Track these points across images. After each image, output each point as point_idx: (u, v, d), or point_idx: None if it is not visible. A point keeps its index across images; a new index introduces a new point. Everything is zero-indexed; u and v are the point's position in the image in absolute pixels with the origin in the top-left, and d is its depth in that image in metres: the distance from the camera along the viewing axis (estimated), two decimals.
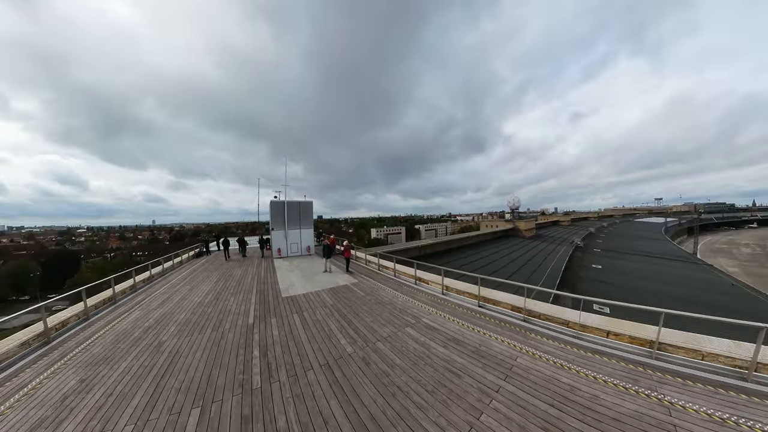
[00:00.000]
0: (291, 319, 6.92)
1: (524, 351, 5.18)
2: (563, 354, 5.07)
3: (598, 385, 4.22)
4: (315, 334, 6.05)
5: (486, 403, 3.83)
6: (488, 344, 5.41)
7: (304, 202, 17.84)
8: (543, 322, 6.20)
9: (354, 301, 8.12)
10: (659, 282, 27.01)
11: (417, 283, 9.47)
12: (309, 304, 7.97)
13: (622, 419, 3.53)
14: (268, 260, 15.67)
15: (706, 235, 79.50)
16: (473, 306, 7.27)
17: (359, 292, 8.91)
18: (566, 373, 4.49)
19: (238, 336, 6.05)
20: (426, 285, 9.24)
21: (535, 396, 3.95)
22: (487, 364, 4.75)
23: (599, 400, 3.86)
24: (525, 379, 4.32)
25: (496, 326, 6.22)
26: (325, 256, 12.24)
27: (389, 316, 6.90)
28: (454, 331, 5.95)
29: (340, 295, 8.77)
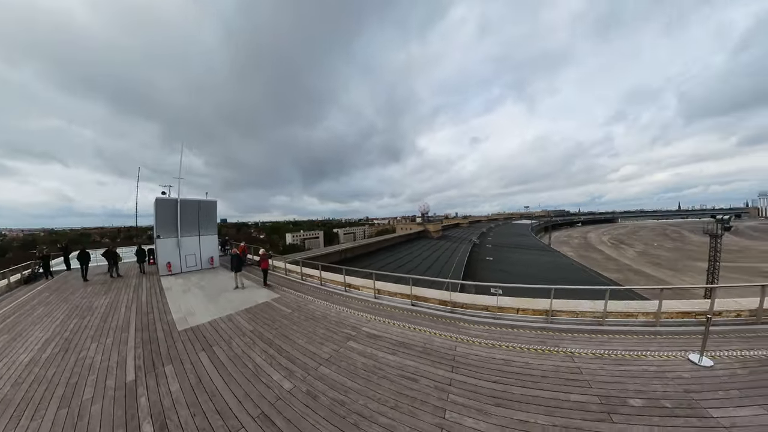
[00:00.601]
0: (196, 361, 5.27)
1: (459, 340, 5.71)
2: (490, 334, 5.96)
3: (524, 353, 5.19)
4: (236, 375, 4.72)
5: (445, 399, 3.99)
6: (430, 341, 5.65)
7: (205, 202, 14.78)
8: (467, 311, 7.06)
9: (280, 320, 7.07)
10: (525, 265, 34.26)
11: (347, 290, 9.17)
12: (220, 335, 6.40)
13: (547, 375, 4.53)
14: (153, 279, 12.38)
15: (555, 232, 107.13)
16: (407, 306, 7.46)
17: (284, 309, 7.88)
18: (497, 350, 5.30)
19: (110, 407, 4.04)
20: (357, 291, 9.06)
21: (481, 378, 4.44)
22: (435, 360, 4.95)
23: (528, 366, 4.76)
24: (468, 366, 4.78)
25: (431, 321, 6.59)
26: (234, 268, 10.50)
27: (326, 332, 6.25)
28: (398, 335, 5.92)
29: (260, 315, 7.51)
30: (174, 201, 13.37)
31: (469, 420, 3.57)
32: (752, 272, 38.85)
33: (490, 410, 3.75)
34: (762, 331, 5.93)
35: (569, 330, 6.16)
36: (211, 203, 15.04)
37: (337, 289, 9.36)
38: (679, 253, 58.76)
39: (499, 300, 7.07)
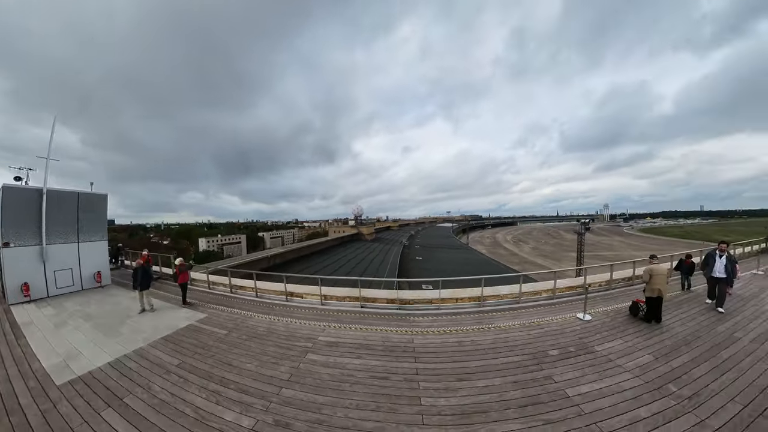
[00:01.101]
0: (100, 424, 3.64)
1: (415, 333, 6.08)
2: (439, 323, 6.59)
3: (469, 333, 5.98)
4: (172, 429, 3.50)
5: (417, 388, 4.22)
6: (388, 338, 5.81)
7: (89, 195, 11.26)
8: (414, 306, 7.56)
9: (215, 346, 5.75)
10: (450, 263, 38.17)
11: (289, 299, 8.44)
12: (132, 380, 4.61)
13: (491, 346, 5.47)
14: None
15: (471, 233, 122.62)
16: (357, 308, 7.42)
17: (217, 331, 6.49)
18: (449, 335, 5.95)
19: None
20: (300, 299, 8.46)
21: (441, 362, 4.93)
22: (398, 355, 5.13)
23: (475, 343, 5.64)
24: (428, 354, 5.19)
25: (384, 320, 6.76)
26: (138, 286, 8.17)
27: (278, 349, 5.50)
28: (356, 338, 5.85)
29: (186, 343, 5.95)
30: (35, 192, 9.73)
31: (442, 400, 3.97)
32: (602, 258, 52.35)
33: (456, 386, 4.27)
34: (613, 294, 8.55)
35: (497, 309, 7.46)
36: (97, 198, 11.43)
37: (278, 300, 8.51)
38: (558, 247, 74.55)
39: (441, 293, 7.85)
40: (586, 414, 3.62)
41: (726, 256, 7.15)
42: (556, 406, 3.78)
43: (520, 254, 68.25)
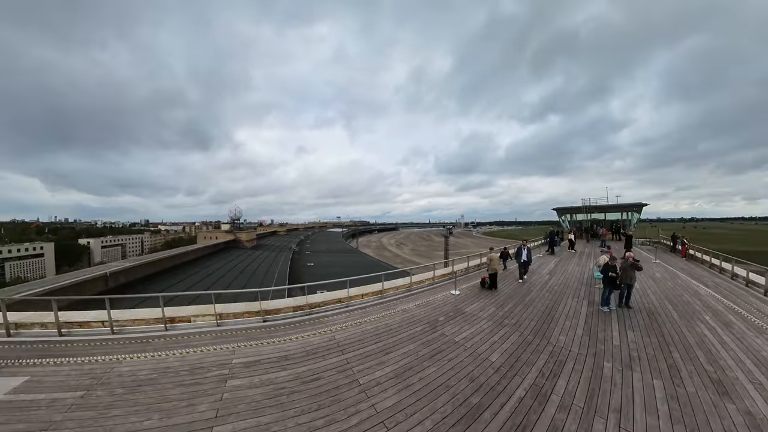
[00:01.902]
0: None
1: (334, 330, 6.56)
2: (347, 317, 7.41)
3: (382, 319, 7.13)
4: None
5: (353, 374, 4.73)
6: (308, 342, 5.89)
7: None
8: (324, 307, 8.03)
9: (68, 418, 3.70)
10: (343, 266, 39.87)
11: (170, 326, 6.67)
12: None
13: (401, 324, 6.84)
14: None
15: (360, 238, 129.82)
16: (259, 323, 6.88)
17: (62, 396, 4.13)
18: (365, 324, 6.89)
19: None
20: (186, 324, 6.85)
21: (366, 346, 5.73)
22: (323, 355, 5.37)
23: (389, 325, 6.82)
24: (352, 344, 5.83)
25: (296, 327, 6.74)
26: None
27: (184, 389, 4.32)
28: (275, 351, 5.54)
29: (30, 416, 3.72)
30: None
31: (377, 372, 4.75)
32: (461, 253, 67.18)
33: (385, 358, 5.22)
34: (470, 275, 11.95)
35: (397, 297, 9.13)
36: None
37: (152, 331, 6.50)
38: (430, 248, 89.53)
39: (350, 291, 8.69)
40: (468, 348, 5.60)
41: (527, 248, 11.56)
42: (450, 349, 5.56)
43: (401, 255, 77.93)
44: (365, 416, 3.66)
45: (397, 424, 3.51)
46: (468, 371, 4.74)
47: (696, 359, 5.28)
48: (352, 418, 3.62)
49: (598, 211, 30.15)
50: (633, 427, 3.57)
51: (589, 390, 4.30)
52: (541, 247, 21.59)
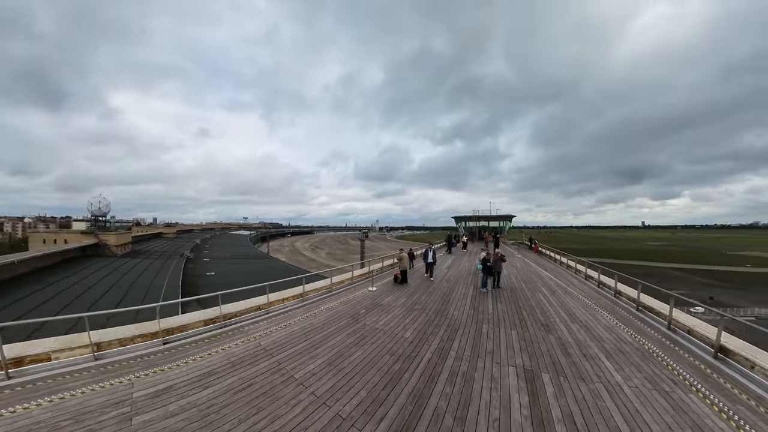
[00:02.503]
0: None
1: (258, 337, 6.38)
2: (269, 322, 7.39)
3: (307, 319, 7.37)
4: None
5: (287, 371, 4.89)
6: (233, 353, 5.54)
7: None
8: (242, 317, 7.56)
9: None
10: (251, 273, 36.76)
11: (14, 373, 4.75)
12: None
13: (326, 321, 7.03)
14: None
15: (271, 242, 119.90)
16: (158, 346, 5.92)
17: None
18: (291, 326, 7.02)
19: None
20: (45, 364, 5.11)
21: (296, 345, 5.93)
22: (253, 362, 5.20)
23: (314, 324, 7.08)
24: (280, 346, 5.89)
25: (207, 343, 6.11)
26: None
27: None
28: (188, 371, 4.96)
29: None
30: None
31: (311, 365, 5.08)
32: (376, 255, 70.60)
33: (316, 352, 5.57)
34: (384, 274, 13.36)
35: (319, 298, 9.53)
36: None
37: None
38: (346, 251, 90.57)
39: (269, 297, 8.37)
40: (386, 331, 6.61)
41: (433, 250, 13.70)
42: (372, 334, 6.42)
43: (317, 260, 76.15)
44: (307, 403, 4.05)
45: (337, 401, 4.08)
46: (389, 348, 5.72)
47: (535, 314, 8.03)
48: (295, 408, 3.94)
49: (484, 220, 37.97)
50: (500, 359, 5.42)
51: (473, 344, 6.02)
52: (443, 248, 25.50)
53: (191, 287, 30.33)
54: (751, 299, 47.74)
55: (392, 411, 3.89)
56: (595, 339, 6.42)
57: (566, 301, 9.34)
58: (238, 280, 33.17)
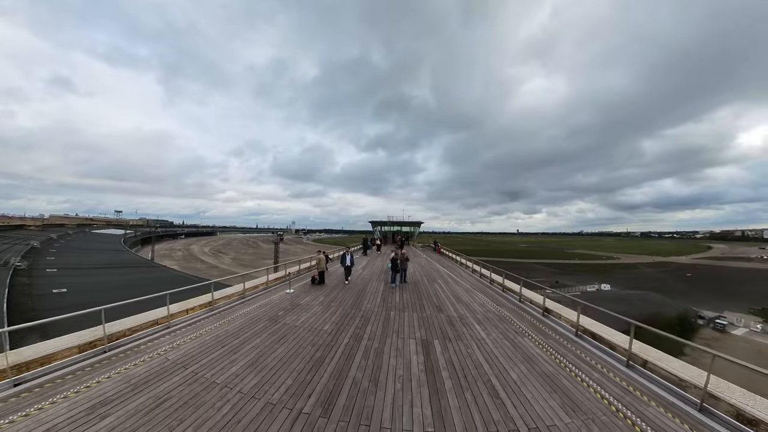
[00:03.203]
0: None
1: (165, 351, 5.95)
2: (183, 335, 6.91)
3: (221, 327, 7.10)
4: None
5: (209, 379, 4.81)
6: (133, 374, 4.96)
7: None
8: (135, 335, 6.62)
9: None
10: (130, 287, 30.21)
11: None
12: None
13: (242, 326, 7.00)
14: None
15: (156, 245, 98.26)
16: (6, 389, 4.52)
17: None
18: (202, 336, 6.60)
19: None
20: None
21: (212, 353, 5.78)
22: (159, 380, 4.81)
23: (230, 330, 6.90)
24: (194, 357, 5.61)
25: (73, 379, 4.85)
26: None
27: None
28: (70, 407, 4.10)
29: None
30: None
31: (233, 368, 5.09)
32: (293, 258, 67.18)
33: (233, 357, 5.50)
34: (302, 276, 13.68)
35: (231, 305, 9.29)
36: None
37: None
38: (256, 256, 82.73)
39: (170, 308, 7.35)
40: (307, 327, 7.11)
41: (350, 254, 14.55)
42: (293, 332, 6.79)
43: (220, 266, 67.11)
44: (235, 400, 4.18)
45: (266, 392, 4.38)
46: (309, 340, 6.25)
47: (431, 300, 9.88)
48: (223, 408, 4.01)
49: (397, 225, 41.69)
50: (404, 335, 6.76)
51: (383, 327, 7.20)
52: (359, 250, 26.98)
53: (27, 313, 22.64)
54: (578, 280, 69.62)
55: (318, 388, 4.52)
56: (471, 312, 8.57)
57: (455, 288, 11.71)
58: (107, 297, 26.42)
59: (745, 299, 58.60)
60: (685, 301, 56.35)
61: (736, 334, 42.29)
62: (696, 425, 3.92)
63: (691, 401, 4.37)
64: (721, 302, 59.16)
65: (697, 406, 4.22)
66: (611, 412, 4.09)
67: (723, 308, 55.02)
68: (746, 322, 45.30)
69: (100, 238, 78.25)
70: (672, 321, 44.11)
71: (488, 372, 5.11)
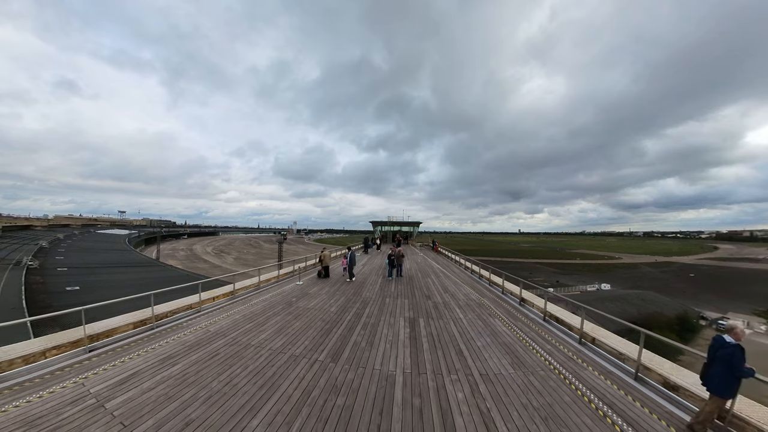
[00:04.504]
0: None
1: (208, 324, 7.72)
2: (219, 314, 8.59)
3: (250, 307, 8.74)
4: None
5: (244, 341, 6.43)
6: (183, 341, 6.74)
7: None
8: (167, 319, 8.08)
9: None
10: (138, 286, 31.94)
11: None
12: None
13: (263, 310, 8.43)
14: None
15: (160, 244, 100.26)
16: (82, 355, 5.78)
17: None
18: (234, 314, 8.30)
19: None
20: None
21: (239, 329, 7.36)
22: (206, 343, 6.19)
23: (256, 312, 8.46)
24: (219, 333, 7.35)
25: (146, 341, 6.47)
26: None
27: None
28: (146, 359, 5.47)
29: None
30: None
31: (262, 336, 6.81)
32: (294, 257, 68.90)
33: (261, 329, 7.30)
34: (310, 270, 15.05)
35: (250, 294, 10.89)
36: None
37: None
38: (258, 255, 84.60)
39: (201, 296, 8.84)
40: (317, 309, 8.66)
41: (351, 253, 16.14)
42: (306, 312, 8.39)
43: (223, 266, 68.86)
44: (268, 354, 5.77)
45: (290, 350, 5.98)
46: (320, 317, 7.88)
47: (422, 290, 11.53)
48: (260, 358, 5.59)
49: (397, 225, 43.33)
50: (395, 315, 8.36)
51: (379, 309, 8.83)
52: (360, 248, 28.71)
53: (45, 310, 24.33)
54: (578, 280, 70.73)
55: (328, 347, 6.14)
56: (455, 300, 10.18)
57: (445, 281, 13.32)
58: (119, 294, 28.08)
59: (750, 300, 58.50)
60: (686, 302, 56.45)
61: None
62: (629, 390, 4.84)
63: (628, 371, 5.40)
64: (725, 303, 58.82)
65: (632, 375, 5.23)
66: (550, 370, 5.48)
67: (727, 309, 54.53)
68: (750, 323, 44.76)
69: (106, 238, 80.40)
70: (671, 321, 44.70)
71: (459, 340, 6.66)
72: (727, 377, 3.76)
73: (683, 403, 4.56)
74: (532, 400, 4.47)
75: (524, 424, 3.93)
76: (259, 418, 3.92)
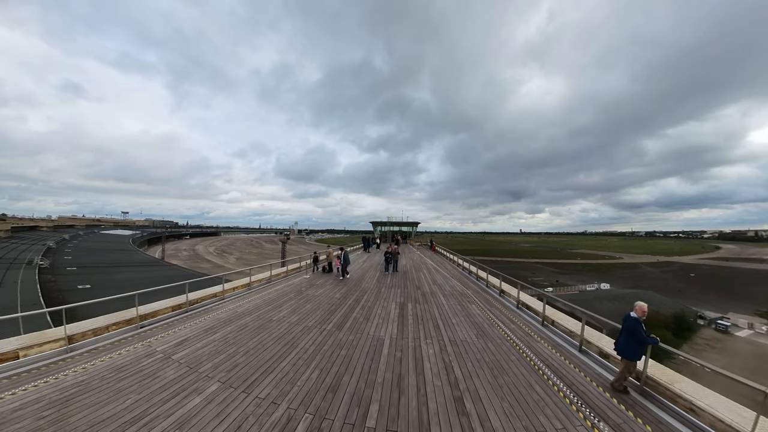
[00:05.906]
0: None
1: (232, 309, 9.45)
2: (241, 298, 10.24)
3: (264, 296, 10.35)
4: None
5: (267, 318, 8.27)
6: (217, 318, 8.54)
7: None
8: (197, 305, 10.19)
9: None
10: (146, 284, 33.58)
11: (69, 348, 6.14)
12: None
13: (277, 298, 10.18)
14: None
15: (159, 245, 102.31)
16: (135, 331, 7.59)
17: None
18: (255, 299, 10.07)
19: None
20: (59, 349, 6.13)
21: (261, 309, 9.14)
22: (237, 319, 8.34)
23: (270, 299, 10.17)
24: (246, 312, 9.19)
25: (186, 319, 8.70)
26: None
27: (140, 384, 4.87)
28: (191, 329, 7.64)
29: None
30: None
31: (280, 314, 8.64)
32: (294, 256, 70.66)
33: (278, 309, 9.04)
34: (316, 266, 16.60)
35: (263, 286, 12.55)
36: None
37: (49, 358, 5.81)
38: (260, 255, 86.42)
39: (224, 286, 10.63)
40: (323, 296, 10.43)
41: (345, 253, 17.84)
42: (314, 299, 10.12)
43: (225, 265, 70.68)
44: (286, 326, 7.56)
45: (304, 323, 7.74)
46: (326, 302, 9.61)
47: (414, 282, 13.23)
48: (281, 328, 7.38)
49: (396, 225, 45.05)
50: (388, 301, 10.01)
51: (375, 296, 10.57)
52: (359, 248, 30.42)
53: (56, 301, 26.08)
54: (578, 280, 72.01)
55: (334, 321, 7.90)
56: (441, 290, 11.92)
57: (435, 276, 15.07)
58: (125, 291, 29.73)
59: (752, 300, 58.68)
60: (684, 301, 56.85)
61: (740, 336, 42.01)
62: (572, 358, 6.09)
63: (574, 344, 6.69)
64: (726, 303, 58.46)
65: (577, 348, 6.51)
66: (507, 340, 7.09)
67: (727, 309, 54.45)
68: (752, 323, 44.89)
69: (110, 238, 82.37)
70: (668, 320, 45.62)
71: (438, 318, 8.37)
72: (630, 343, 4.93)
73: (611, 367, 5.71)
74: (485, 357, 6.12)
75: (474, 369, 5.58)
76: (286, 361, 5.67)
